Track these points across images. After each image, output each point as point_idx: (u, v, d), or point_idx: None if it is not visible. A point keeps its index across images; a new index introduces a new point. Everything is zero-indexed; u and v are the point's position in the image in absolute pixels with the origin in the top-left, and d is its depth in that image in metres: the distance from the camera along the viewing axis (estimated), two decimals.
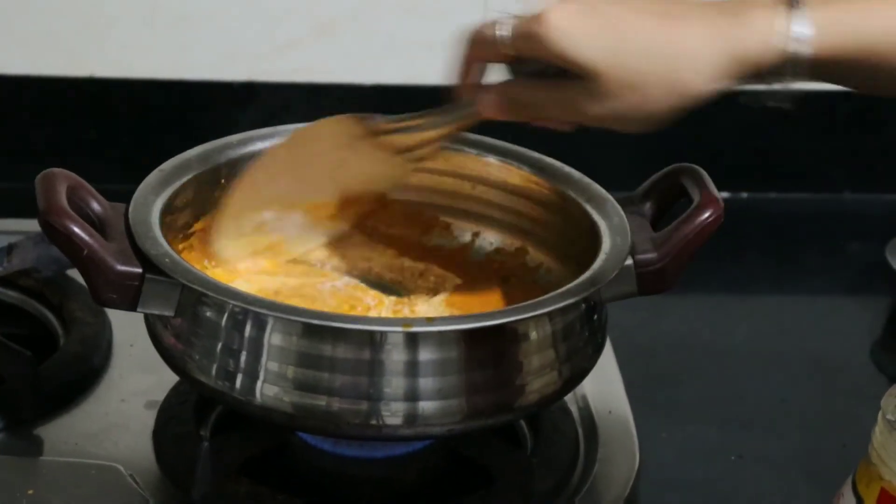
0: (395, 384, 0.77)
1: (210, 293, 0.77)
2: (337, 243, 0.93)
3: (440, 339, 0.77)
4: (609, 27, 0.77)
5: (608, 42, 0.77)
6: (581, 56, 0.76)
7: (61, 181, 0.81)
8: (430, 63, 1.24)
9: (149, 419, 0.89)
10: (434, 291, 0.91)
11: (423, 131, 0.88)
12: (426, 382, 0.77)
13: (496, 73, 0.84)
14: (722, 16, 0.77)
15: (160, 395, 0.90)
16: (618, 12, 0.77)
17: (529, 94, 0.80)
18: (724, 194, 0.85)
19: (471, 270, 0.94)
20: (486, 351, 0.78)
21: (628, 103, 0.77)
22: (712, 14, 0.77)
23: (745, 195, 1.28)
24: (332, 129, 0.92)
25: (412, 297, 0.90)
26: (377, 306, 0.89)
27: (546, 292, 0.89)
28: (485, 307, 0.89)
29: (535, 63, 0.79)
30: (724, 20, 0.77)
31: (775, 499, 0.93)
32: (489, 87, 0.83)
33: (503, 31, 0.79)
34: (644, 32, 0.77)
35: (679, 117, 0.79)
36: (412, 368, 0.77)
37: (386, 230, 0.95)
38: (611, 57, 0.76)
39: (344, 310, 0.88)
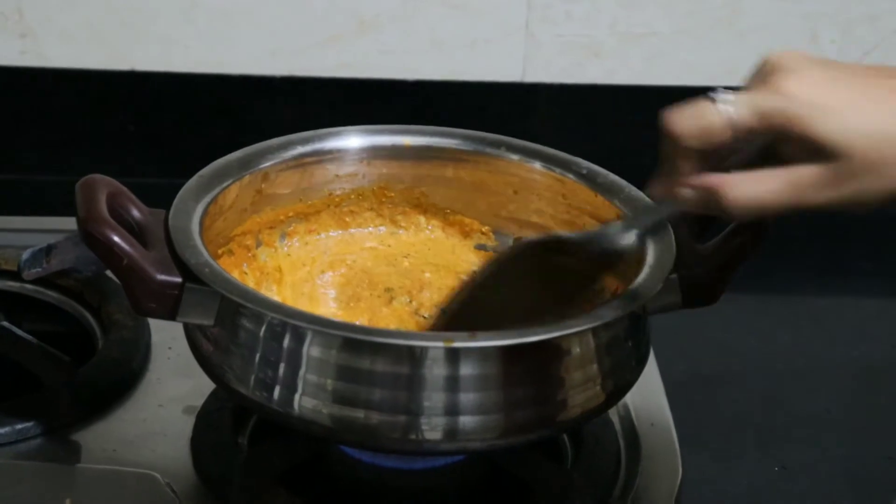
0: (434, 399, 0.76)
1: (249, 304, 0.77)
2: None
3: (481, 354, 0.76)
4: (858, 101, 0.70)
5: (857, 118, 0.69)
6: (833, 133, 0.69)
7: (101, 188, 0.80)
8: (472, 59, 1.24)
9: (186, 425, 0.88)
10: None
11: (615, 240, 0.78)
12: (466, 397, 0.76)
13: None
14: None
15: (198, 401, 0.90)
16: (861, 85, 0.70)
17: (754, 186, 0.71)
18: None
19: None
20: (528, 366, 0.77)
21: (867, 185, 0.70)
22: None
23: None
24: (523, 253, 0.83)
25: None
26: None
27: (588, 300, 0.89)
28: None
29: (753, 145, 0.71)
30: None
31: None
32: (699, 182, 0.72)
33: (731, 110, 0.70)
34: (890, 94, 0.70)
35: None
36: (453, 383, 0.76)
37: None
38: (860, 135, 0.69)
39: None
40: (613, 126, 1.25)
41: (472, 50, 1.23)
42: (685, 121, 0.71)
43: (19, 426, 0.87)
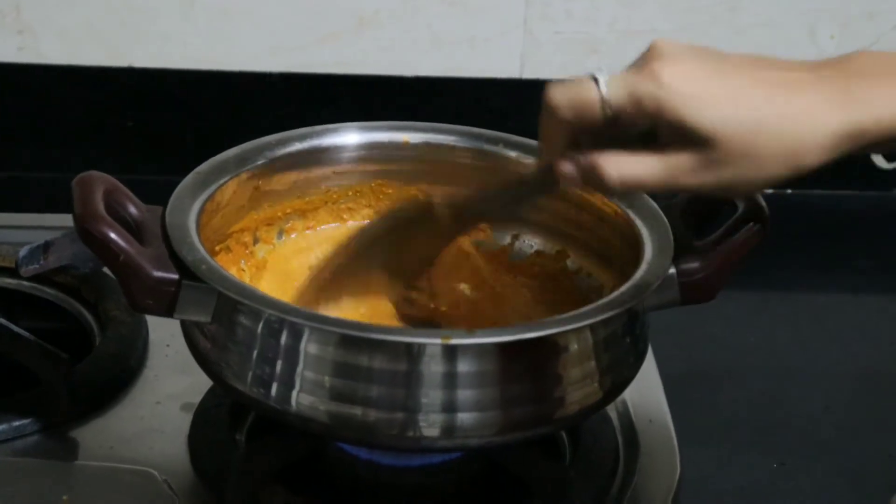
0: (432, 396, 0.76)
1: (246, 301, 0.77)
2: None
3: (479, 351, 0.76)
4: (731, 92, 0.71)
5: (728, 108, 0.71)
6: (701, 122, 0.70)
7: (98, 185, 0.80)
8: (470, 56, 1.24)
9: (184, 422, 0.88)
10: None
11: (497, 207, 0.82)
12: (464, 394, 0.76)
13: None
14: (845, 85, 0.72)
15: (196, 398, 0.89)
16: (736, 75, 0.72)
17: (632, 165, 0.73)
18: (769, 191, 0.83)
19: (510, 273, 0.93)
20: (526, 363, 0.77)
21: (740, 173, 0.71)
22: (833, 83, 0.72)
23: (789, 192, 1.26)
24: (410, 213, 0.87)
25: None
26: None
27: (586, 297, 0.89)
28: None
29: (632, 128, 0.72)
30: (846, 92, 0.72)
31: None
32: (581, 159, 0.74)
33: (605, 90, 0.72)
34: (763, 101, 0.71)
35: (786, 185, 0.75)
36: (450, 380, 0.76)
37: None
38: (730, 125, 0.70)
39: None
40: None
41: (470, 47, 1.23)
42: (562, 94, 0.73)
43: (16, 423, 0.87)
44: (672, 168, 0.72)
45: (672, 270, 0.82)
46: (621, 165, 0.73)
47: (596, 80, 0.72)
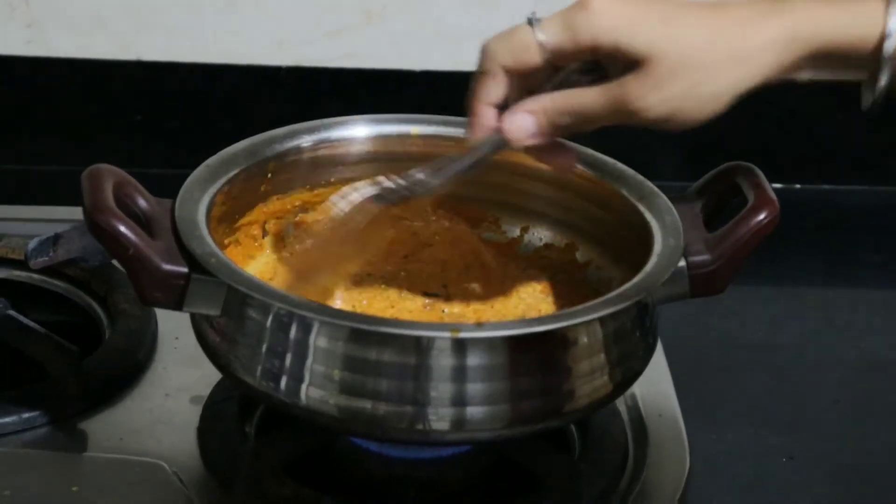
0: (441, 389, 0.76)
1: (255, 294, 0.77)
2: None
3: (489, 344, 0.76)
4: (661, 11, 0.73)
5: (662, 26, 0.73)
6: (635, 41, 0.72)
7: (108, 178, 0.80)
8: (478, 49, 1.24)
9: (193, 415, 0.88)
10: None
11: (443, 178, 0.80)
12: (473, 388, 0.76)
13: None
14: (773, 3, 0.74)
15: (205, 391, 0.89)
16: (667, 2, 0.74)
17: (575, 101, 0.74)
18: (777, 185, 0.83)
19: (519, 265, 0.93)
20: (536, 356, 0.77)
21: (686, 88, 0.73)
22: (762, 2, 0.74)
23: (798, 186, 1.26)
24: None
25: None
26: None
27: (595, 290, 0.89)
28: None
29: (572, 68, 0.74)
30: (777, 6, 0.74)
31: (828, 501, 0.91)
32: (521, 108, 0.75)
33: (544, 31, 0.73)
34: (698, 14, 0.74)
35: (732, 105, 0.75)
36: (460, 374, 0.76)
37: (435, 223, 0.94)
38: (664, 40, 0.73)
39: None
40: None
41: (478, 40, 1.22)
42: (499, 41, 0.75)
43: (26, 415, 0.87)
44: (616, 94, 0.73)
45: (682, 263, 0.82)
46: (564, 99, 0.74)
47: (531, 23, 0.74)
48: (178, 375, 0.92)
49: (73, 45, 1.21)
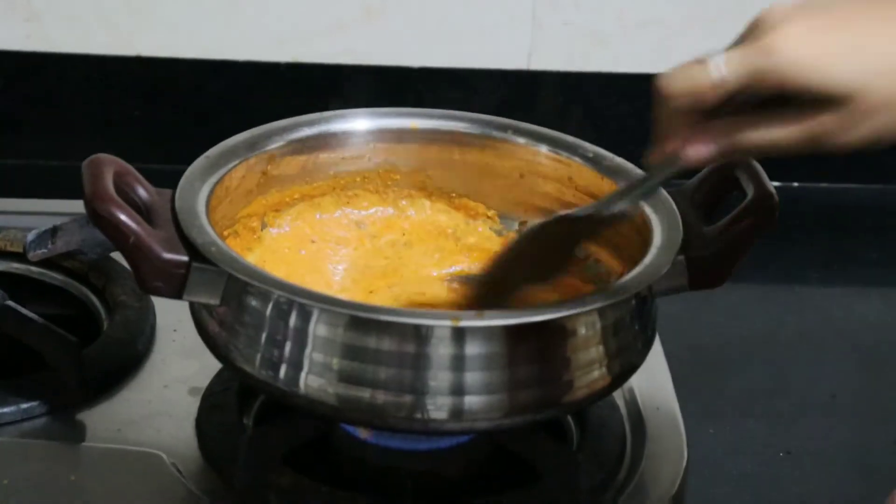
0: (440, 378, 0.76)
1: (256, 283, 0.77)
2: None
3: (488, 333, 0.76)
4: (855, 41, 0.67)
5: (860, 58, 0.67)
6: (832, 81, 0.67)
7: (108, 167, 0.80)
8: (478, 47, 1.24)
9: (192, 406, 0.88)
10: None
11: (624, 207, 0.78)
12: (472, 377, 0.76)
13: None
14: None
15: (203, 382, 0.89)
16: (856, 21, 0.68)
17: (767, 136, 0.69)
18: (776, 183, 0.83)
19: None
20: (535, 346, 0.77)
21: (889, 121, 0.68)
22: None
23: (795, 184, 1.26)
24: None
25: None
26: None
27: (594, 283, 0.89)
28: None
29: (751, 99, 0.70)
30: None
31: (824, 495, 0.92)
32: (706, 132, 0.71)
33: (720, 72, 0.68)
34: (892, 40, 0.68)
35: None
36: (459, 363, 0.76)
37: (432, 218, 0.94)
38: (866, 74, 0.67)
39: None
40: (618, 115, 1.25)
41: (478, 37, 1.23)
42: (676, 83, 0.70)
43: (24, 405, 0.87)
44: (815, 132, 0.69)
45: (681, 256, 0.82)
46: (753, 132, 0.70)
47: (705, 62, 0.69)
48: (177, 366, 0.92)
49: (72, 39, 1.21)
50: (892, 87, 0.67)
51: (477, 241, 0.93)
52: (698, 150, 0.72)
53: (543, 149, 0.91)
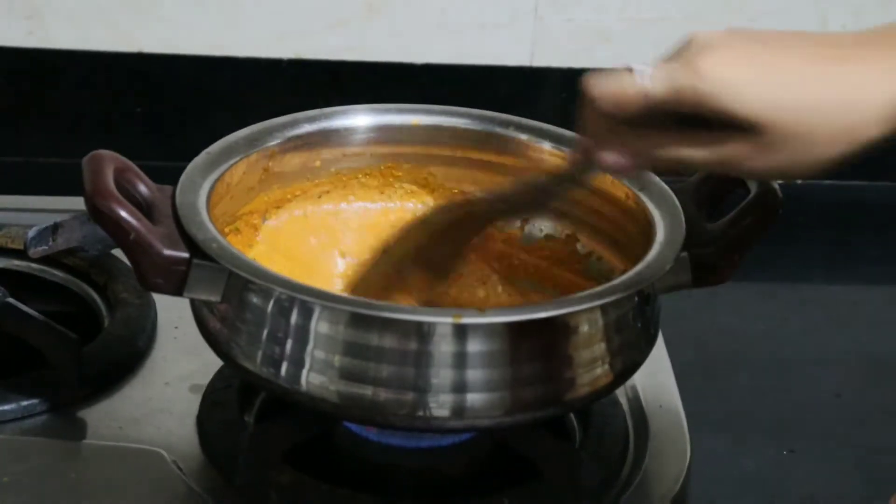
0: (442, 375, 0.75)
1: (257, 279, 0.76)
2: None
3: (490, 330, 0.75)
4: (773, 74, 0.69)
5: (774, 91, 0.69)
6: (745, 109, 0.68)
7: (108, 163, 0.80)
8: (480, 43, 1.24)
9: (193, 404, 0.88)
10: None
11: (530, 200, 0.81)
12: (475, 374, 0.76)
13: None
14: (892, 53, 0.70)
15: (204, 380, 0.89)
16: (780, 55, 0.70)
17: (680, 154, 0.71)
18: (779, 181, 0.83)
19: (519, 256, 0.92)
20: (537, 343, 0.77)
21: (794, 155, 0.69)
22: (880, 52, 0.70)
23: (799, 182, 1.26)
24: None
25: None
26: None
27: (597, 281, 0.88)
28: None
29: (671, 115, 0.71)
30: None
31: (828, 496, 0.92)
32: (621, 141, 0.73)
33: (647, 83, 0.70)
34: (812, 78, 0.69)
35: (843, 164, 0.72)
36: (461, 360, 0.75)
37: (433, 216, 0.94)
38: (778, 108, 0.69)
39: None
40: None
41: (480, 33, 1.23)
42: (601, 86, 0.72)
43: (25, 403, 0.86)
44: (724, 156, 0.71)
45: (684, 253, 0.82)
46: (666, 151, 0.72)
47: (632, 72, 0.71)
48: (178, 364, 0.92)
49: (73, 36, 1.21)
50: (797, 122, 0.69)
51: (478, 241, 0.93)
52: (613, 158, 0.73)
53: (546, 145, 0.91)
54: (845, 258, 1.18)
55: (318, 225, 0.92)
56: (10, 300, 0.90)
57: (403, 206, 0.93)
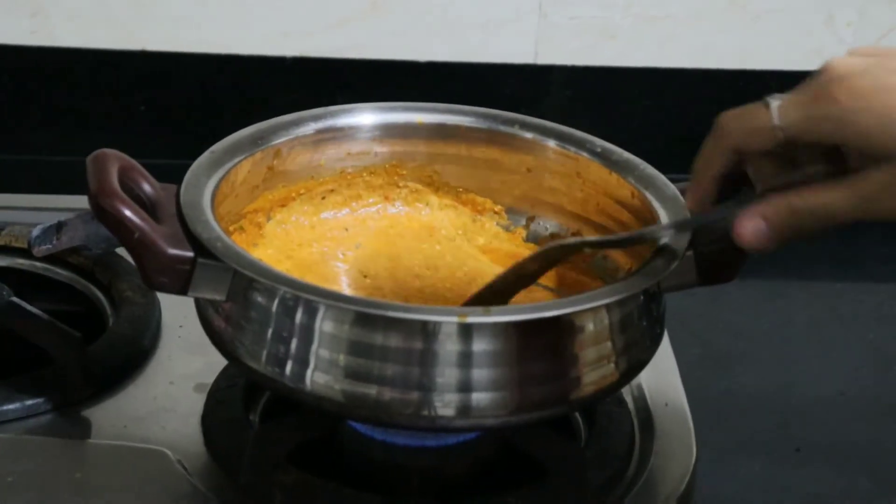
0: (448, 375, 0.75)
1: (262, 279, 0.76)
2: None
3: (496, 330, 0.75)
4: None
5: None
6: (891, 141, 0.66)
7: (113, 162, 0.80)
8: (484, 40, 1.24)
9: (197, 403, 0.88)
10: None
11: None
12: (480, 373, 0.76)
13: None
14: None
15: (209, 378, 0.89)
16: None
17: (819, 202, 0.68)
18: None
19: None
20: (543, 342, 0.76)
21: None
22: None
23: None
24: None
25: None
26: None
27: (602, 279, 0.88)
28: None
29: (805, 154, 0.69)
30: None
31: (834, 493, 0.91)
32: (756, 212, 0.71)
33: (781, 115, 0.68)
34: None
35: None
36: (466, 359, 0.75)
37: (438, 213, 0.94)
38: None
39: None
40: (626, 109, 1.24)
41: (484, 31, 1.22)
42: (734, 120, 0.70)
43: (29, 402, 0.86)
44: (865, 193, 0.68)
45: (690, 252, 0.81)
46: (804, 202, 0.69)
47: (767, 105, 0.69)
48: (182, 363, 0.92)
49: (77, 34, 1.21)
50: None
51: (486, 242, 0.93)
52: (750, 228, 0.71)
53: (551, 143, 0.91)
54: (852, 255, 1.18)
55: (323, 223, 0.92)
56: (14, 299, 0.89)
57: (409, 208, 0.93)
